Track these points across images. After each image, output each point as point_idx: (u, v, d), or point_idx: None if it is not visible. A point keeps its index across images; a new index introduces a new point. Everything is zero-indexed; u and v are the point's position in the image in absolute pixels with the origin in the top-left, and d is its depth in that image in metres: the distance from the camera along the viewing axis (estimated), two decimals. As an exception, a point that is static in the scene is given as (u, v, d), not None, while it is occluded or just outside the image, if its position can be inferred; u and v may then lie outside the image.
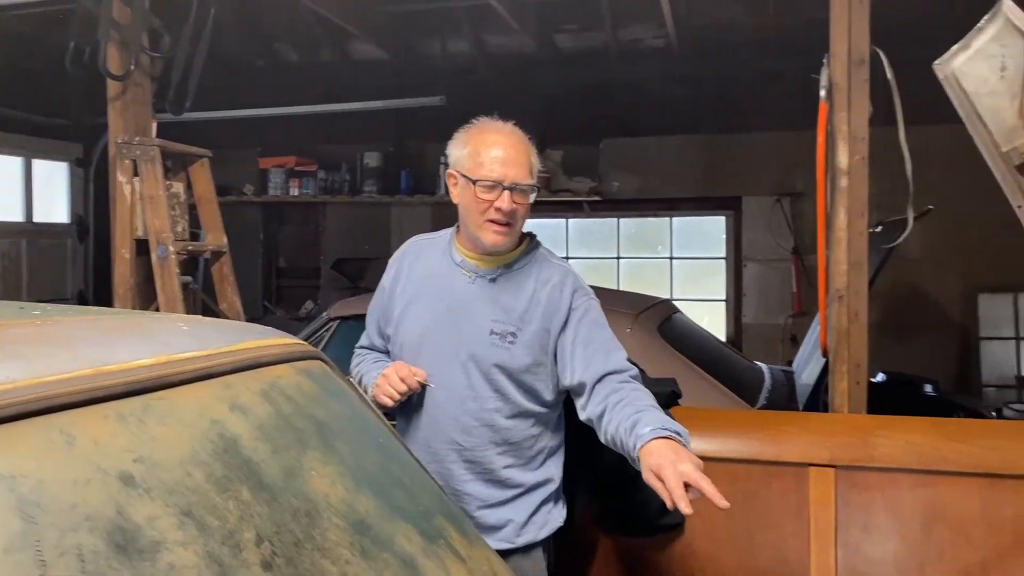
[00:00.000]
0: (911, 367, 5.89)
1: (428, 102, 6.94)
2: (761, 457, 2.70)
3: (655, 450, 1.85)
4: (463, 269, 2.25)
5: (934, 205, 4.52)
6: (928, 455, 2.57)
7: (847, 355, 2.74)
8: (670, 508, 1.77)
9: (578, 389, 2.18)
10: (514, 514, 2.23)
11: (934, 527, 2.54)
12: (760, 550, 2.67)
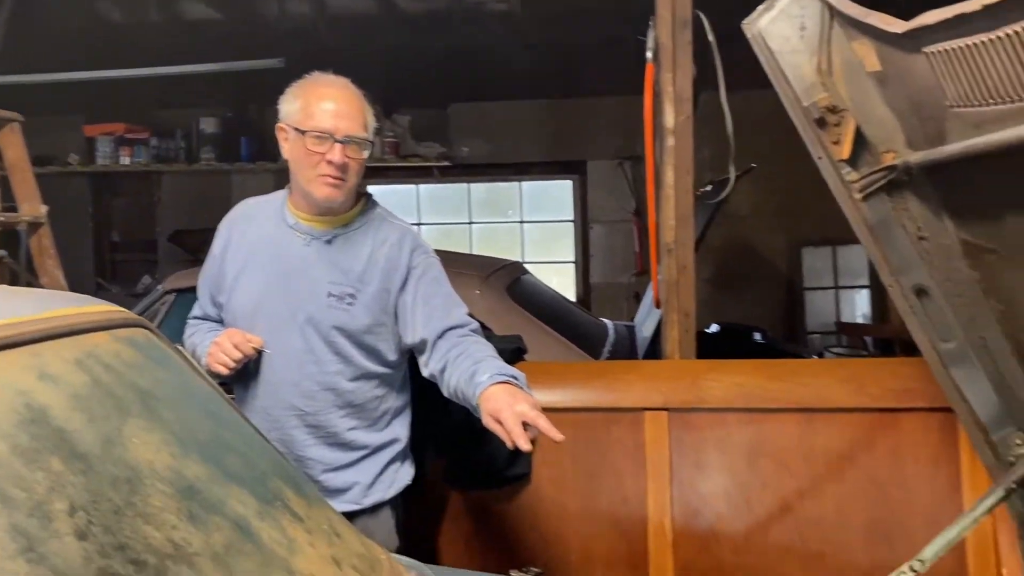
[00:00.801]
0: (742, 318, 6.29)
1: (266, 64, 6.66)
2: (600, 405, 2.82)
3: (493, 395, 1.90)
4: (297, 232, 2.21)
5: (759, 165, 4.81)
6: (753, 394, 2.77)
7: (677, 305, 2.89)
8: (510, 447, 1.82)
9: (420, 346, 2.20)
10: (360, 476, 2.23)
11: (758, 460, 2.74)
12: (601, 492, 2.80)
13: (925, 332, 1.79)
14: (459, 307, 2.24)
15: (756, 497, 2.72)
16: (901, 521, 2.57)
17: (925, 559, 1.84)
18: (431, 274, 2.24)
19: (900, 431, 2.64)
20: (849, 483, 2.65)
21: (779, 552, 2.68)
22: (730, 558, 2.70)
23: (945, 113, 1.46)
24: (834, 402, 2.69)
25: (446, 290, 2.25)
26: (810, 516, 2.66)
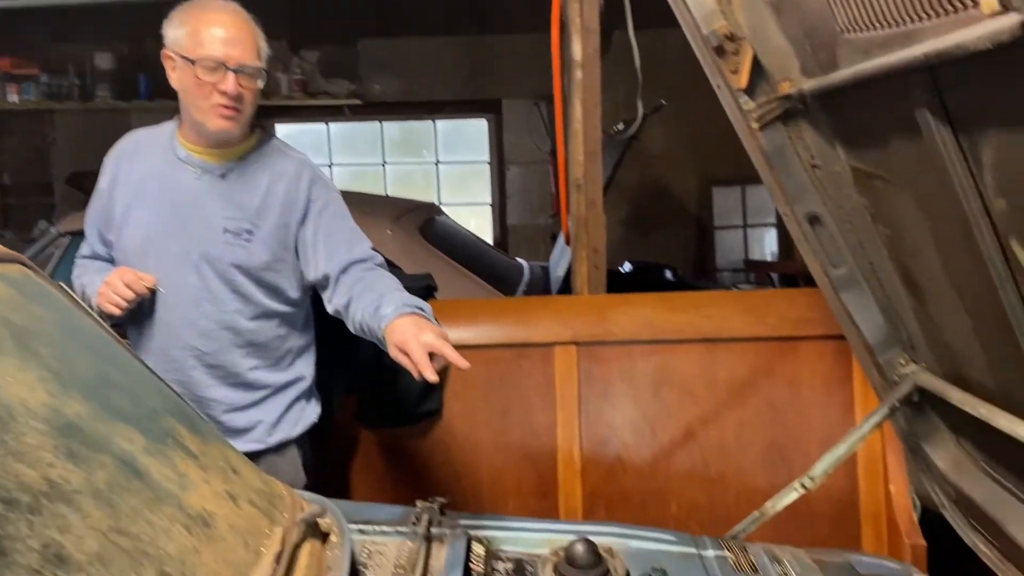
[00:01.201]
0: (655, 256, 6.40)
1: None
2: (511, 340, 2.84)
3: (399, 327, 1.88)
4: (189, 165, 2.11)
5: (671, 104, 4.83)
6: (657, 326, 2.82)
7: (586, 240, 2.91)
8: (417, 378, 1.81)
9: (323, 282, 2.15)
10: (264, 415, 2.19)
11: (663, 390, 2.81)
12: (513, 426, 2.83)
13: (817, 259, 1.84)
14: (362, 241, 2.19)
15: (661, 425, 2.79)
16: (798, 443, 2.68)
17: (815, 476, 1.92)
18: (332, 208, 2.18)
19: (797, 358, 2.74)
20: (749, 409, 2.75)
21: (683, 477, 2.77)
22: (636, 484, 2.78)
23: (836, 39, 1.48)
24: (735, 332, 2.77)
25: (348, 224, 2.20)
26: (712, 441, 2.75)
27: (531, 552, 1.80)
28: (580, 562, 1.69)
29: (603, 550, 1.75)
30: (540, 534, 1.84)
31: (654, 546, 1.82)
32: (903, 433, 1.90)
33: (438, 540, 1.74)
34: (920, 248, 1.57)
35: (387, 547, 1.73)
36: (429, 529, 1.73)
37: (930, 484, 1.89)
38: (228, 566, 1.27)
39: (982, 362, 1.53)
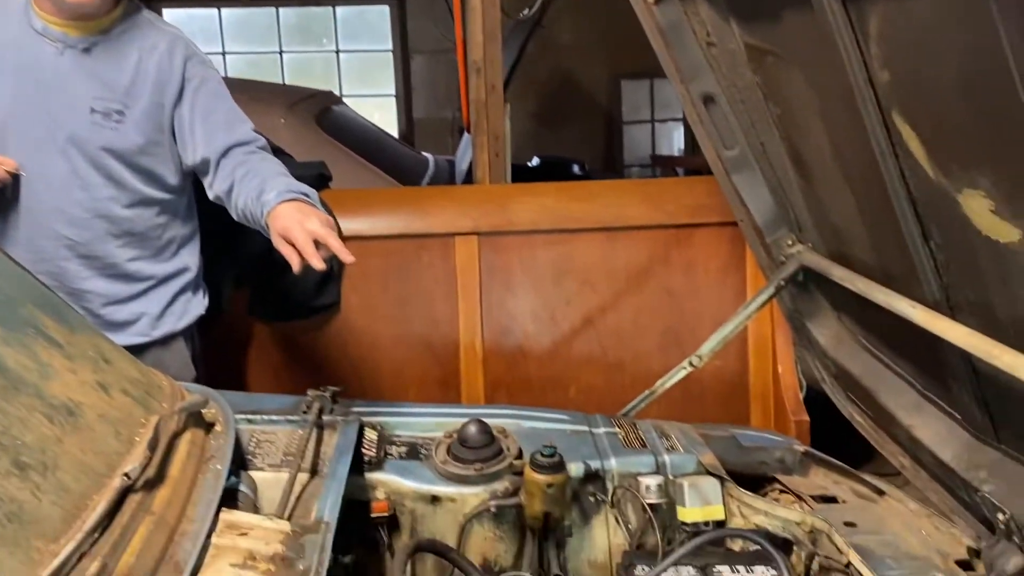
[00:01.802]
0: (564, 151, 6.36)
1: None
2: (410, 231, 2.78)
3: (282, 214, 1.79)
4: (47, 38, 1.92)
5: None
6: (558, 215, 2.81)
7: (487, 127, 2.84)
8: (296, 271, 1.74)
9: (202, 167, 2.03)
10: (147, 307, 2.09)
11: (563, 279, 2.82)
12: (414, 318, 2.80)
13: (711, 140, 1.83)
14: (243, 123, 2.07)
15: (561, 314, 2.81)
16: (692, 328, 2.74)
17: (703, 354, 1.97)
18: (209, 87, 2.04)
19: (693, 245, 2.77)
20: (646, 296, 2.79)
21: (582, 363, 2.81)
22: (537, 372, 2.82)
23: (731, -94, 1.42)
24: (634, 220, 2.78)
25: (228, 105, 2.06)
26: (610, 328, 2.80)
27: (425, 436, 1.80)
28: (473, 442, 1.69)
29: (496, 431, 1.76)
30: (434, 418, 1.84)
31: (547, 425, 1.85)
32: (789, 312, 1.96)
33: (330, 427, 1.71)
34: (809, 126, 1.57)
35: (276, 436, 1.69)
36: (320, 416, 1.70)
37: (812, 361, 1.96)
38: (97, 455, 1.21)
39: (864, 239, 1.56)
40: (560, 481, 1.55)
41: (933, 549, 1.40)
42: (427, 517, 1.66)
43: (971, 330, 1.24)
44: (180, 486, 1.28)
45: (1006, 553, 1.27)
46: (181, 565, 1.11)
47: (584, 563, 1.69)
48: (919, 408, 1.55)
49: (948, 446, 1.45)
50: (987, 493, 1.31)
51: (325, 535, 1.27)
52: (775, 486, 1.78)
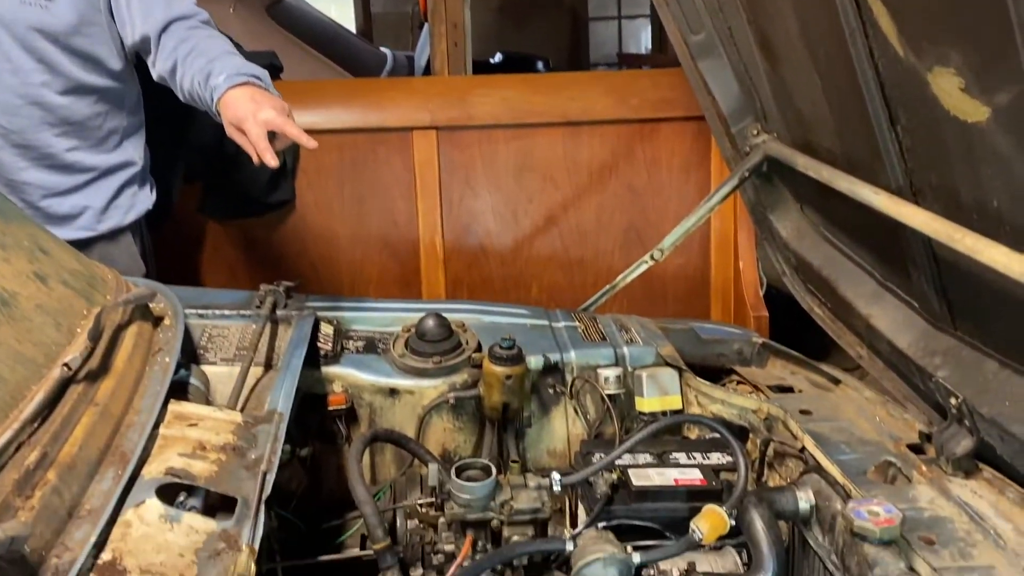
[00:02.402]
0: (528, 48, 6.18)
1: None
2: (366, 125, 2.69)
3: (233, 102, 1.68)
4: (-35, -93, 1.77)
5: None
6: (520, 109, 2.72)
7: (444, 15, 2.72)
8: (256, 163, 1.65)
9: (143, 45, 1.90)
10: (89, 200, 2.00)
11: (525, 176, 2.76)
12: (372, 216, 2.74)
13: (677, 24, 1.76)
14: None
15: (523, 211, 2.76)
16: (655, 226, 2.72)
17: (664, 247, 1.95)
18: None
19: (657, 141, 2.72)
20: (609, 193, 2.75)
21: (544, 261, 2.79)
22: (499, 271, 2.79)
23: None
24: (597, 115, 2.71)
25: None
26: (573, 226, 2.76)
27: (383, 330, 1.77)
28: (431, 336, 1.67)
29: (455, 325, 1.74)
30: (391, 313, 1.81)
31: (506, 320, 1.83)
32: (751, 204, 1.93)
33: (284, 322, 1.67)
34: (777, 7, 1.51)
35: (229, 330, 1.65)
36: (273, 311, 1.66)
37: (774, 254, 1.95)
38: (35, 346, 1.16)
39: (829, 126, 1.53)
40: (519, 373, 1.54)
41: (886, 434, 1.42)
42: (385, 410, 1.65)
43: (933, 215, 1.22)
44: (126, 378, 1.24)
45: (956, 436, 1.29)
46: (128, 455, 1.08)
47: (543, 453, 1.70)
48: (878, 297, 1.55)
49: (905, 334, 1.46)
50: (941, 379, 1.32)
51: (278, 425, 1.25)
52: (732, 377, 1.79)
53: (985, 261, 1.09)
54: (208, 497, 1.07)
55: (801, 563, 1.29)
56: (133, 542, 0.94)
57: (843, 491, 1.23)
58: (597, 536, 1.17)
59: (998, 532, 1.13)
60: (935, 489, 1.25)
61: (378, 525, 1.22)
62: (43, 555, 0.88)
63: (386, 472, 1.67)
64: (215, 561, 0.94)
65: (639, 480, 1.41)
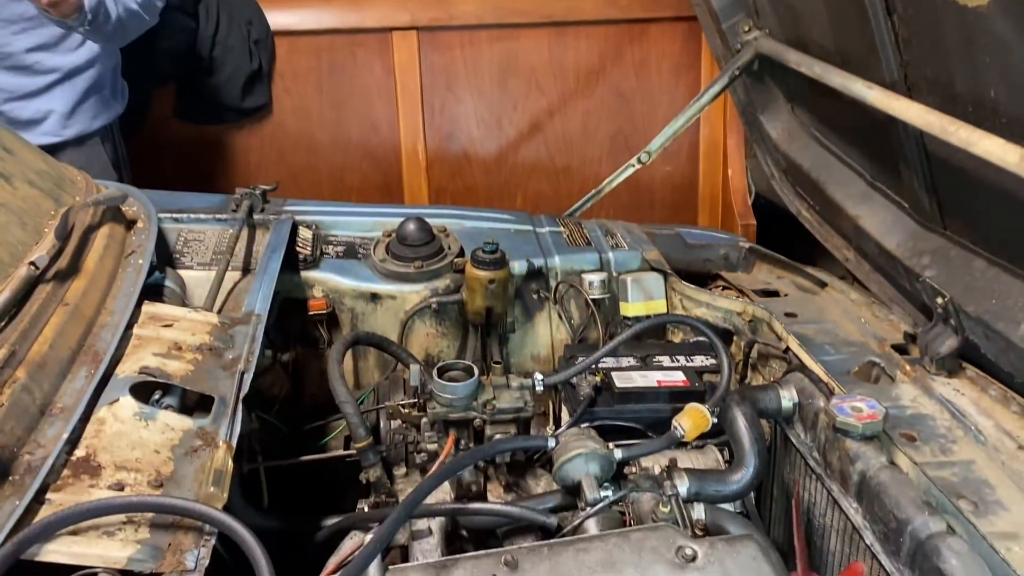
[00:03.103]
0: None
1: None
2: (343, 25, 2.58)
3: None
4: None
5: None
6: (504, 8, 2.62)
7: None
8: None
9: None
10: (54, 104, 1.93)
11: (510, 81, 2.68)
12: (351, 122, 2.66)
13: (668, -88, 1.68)
14: None
15: (507, 118, 2.70)
16: (643, 132, 2.66)
17: (652, 150, 1.90)
18: None
19: (647, 42, 2.63)
20: (596, 98, 2.68)
21: (528, 170, 2.73)
22: (483, 179, 2.73)
23: None
24: (585, 15, 2.61)
25: None
26: (559, 133, 2.70)
27: (363, 235, 1.74)
28: (412, 240, 1.64)
29: (437, 229, 1.70)
30: (371, 218, 1.77)
31: (489, 225, 1.79)
32: (742, 105, 1.88)
33: (261, 226, 1.63)
34: None
35: (205, 235, 1.61)
36: (250, 215, 1.62)
37: (763, 156, 1.91)
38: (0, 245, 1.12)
39: (823, 19, 1.47)
40: (502, 277, 1.52)
41: (871, 335, 1.41)
42: (367, 315, 1.63)
43: (927, 108, 1.18)
44: (98, 279, 1.21)
45: (941, 336, 1.28)
46: (100, 354, 1.05)
47: (527, 358, 1.70)
48: (867, 198, 1.52)
49: (893, 234, 1.43)
50: (928, 279, 1.30)
51: (256, 326, 1.23)
52: (718, 283, 1.78)
53: (979, 153, 1.05)
54: (185, 398, 1.06)
55: (783, 461, 1.29)
56: (107, 439, 0.92)
57: (826, 389, 1.22)
58: (579, 433, 1.16)
59: (979, 428, 1.14)
60: (918, 388, 1.25)
61: (360, 424, 1.21)
62: (15, 452, 0.87)
63: (369, 377, 1.66)
64: (192, 457, 0.93)
65: (622, 382, 1.40)
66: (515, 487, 1.26)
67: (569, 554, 0.96)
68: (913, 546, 0.95)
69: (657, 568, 0.94)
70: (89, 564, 0.78)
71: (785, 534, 1.27)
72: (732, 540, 0.99)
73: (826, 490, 1.14)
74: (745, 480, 1.13)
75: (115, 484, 0.86)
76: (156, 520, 0.84)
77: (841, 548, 1.12)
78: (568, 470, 1.12)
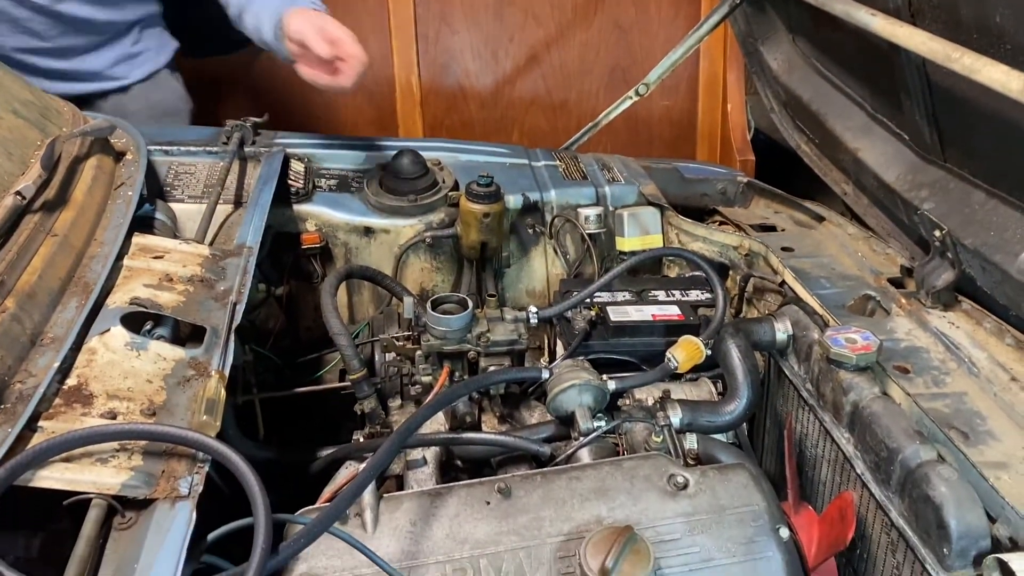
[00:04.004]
0: None
1: None
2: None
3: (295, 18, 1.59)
4: None
5: None
6: (500, -63, 2.55)
7: None
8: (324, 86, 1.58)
9: None
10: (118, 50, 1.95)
11: (505, 11, 2.61)
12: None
13: None
14: None
15: (504, 50, 2.64)
16: (642, 65, 2.61)
17: (650, 82, 1.86)
18: None
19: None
20: (595, 30, 2.62)
21: (525, 104, 2.69)
22: (478, 113, 2.69)
23: None
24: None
25: None
26: (556, 66, 2.65)
27: (355, 168, 1.71)
28: (406, 173, 1.62)
29: (431, 163, 1.68)
30: (364, 151, 1.74)
31: (484, 158, 1.77)
32: (742, 36, 1.84)
33: (252, 159, 1.61)
34: None
35: (196, 167, 1.59)
36: (241, 147, 1.60)
37: (763, 89, 1.88)
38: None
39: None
40: (497, 211, 1.50)
41: (867, 269, 1.40)
42: (361, 250, 1.61)
43: (931, 35, 1.15)
44: (86, 210, 1.19)
45: (938, 269, 1.28)
46: (90, 285, 1.05)
47: (522, 293, 1.69)
48: (867, 130, 1.50)
49: (893, 167, 1.42)
50: (926, 211, 1.29)
51: (248, 258, 1.21)
52: (716, 218, 1.76)
53: (982, 81, 1.03)
54: (177, 329, 1.05)
55: (776, 393, 1.30)
56: (99, 368, 0.92)
57: (821, 321, 1.22)
58: (573, 365, 1.16)
59: (972, 361, 1.14)
60: (913, 321, 1.25)
61: (353, 356, 1.21)
62: (5, 380, 0.87)
63: (364, 311, 1.66)
64: (184, 387, 0.93)
65: (617, 316, 1.40)
66: (509, 419, 1.26)
67: (562, 482, 0.97)
68: (903, 474, 0.96)
69: (649, 495, 0.95)
70: (82, 490, 0.78)
71: (777, 464, 1.28)
72: (724, 469, 1.00)
73: (818, 421, 1.15)
74: (738, 411, 1.14)
75: (107, 413, 0.86)
76: (149, 448, 0.84)
77: (832, 478, 1.13)
78: (562, 401, 1.13)
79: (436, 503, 0.94)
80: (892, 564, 0.99)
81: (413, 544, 0.90)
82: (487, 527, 0.92)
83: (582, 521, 0.93)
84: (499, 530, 0.92)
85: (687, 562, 0.90)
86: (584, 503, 0.94)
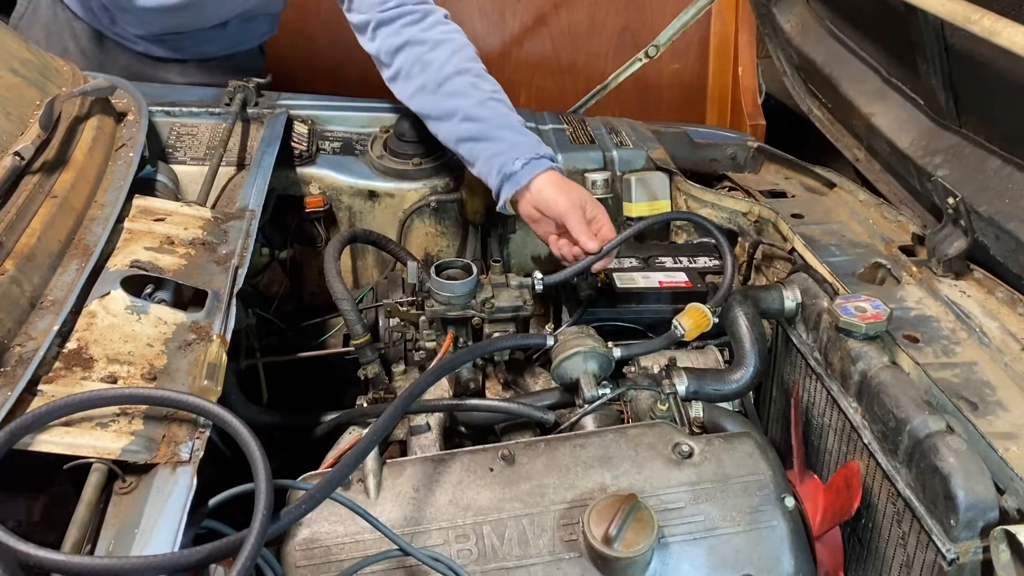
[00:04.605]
0: None
1: None
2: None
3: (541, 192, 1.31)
4: None
5: None
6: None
7: None
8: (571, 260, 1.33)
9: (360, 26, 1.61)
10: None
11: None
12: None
13: None
14: None
15: (511, 10, 2.59)
16: (652, 27, 2.55)
17: (659, 44, 1.83)
18: None
19: (658, -70, 2.52)
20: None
21: (533, 66, 2.65)
22: (485, 76, 2.65)
23: None
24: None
25: None
26: (564, 27, 2.60)
27: (360, 131, 1.69)
28: (410, 136, 1.59)
29: (435, 125, 1.65)
30: (368, 113, 1.72)
31: (491, 121, 1.74)
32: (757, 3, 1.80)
33: (256, 120, 1.59)
34: None
35: (198, 129, 1.57)
36: (244, 108, 1.57)
37: (775, 51, 1.84)
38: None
39: (845, -99, 1.39)
40: (502, 174, 1.48)
41: (878, 237, 1.38)
42: (365, 213, 1.60)
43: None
44: (87, 171, 1.18)
45: (950, 237, 1.26)
46: (91, 247, 1.03)
47: (527, 259, 1.68)
48: (881, 95, 1.47)
49: (906, 132, 1.39)
50: (940, 178, 1.26)
51: (250, 221, 1.20)
52: (725, 183, 1.74)
53: (1002, 43, 1.00)
54: (178, 292, 1.04)
55: (783, 361, 1.29)
56: (99, 332, 0.91)
57: (831, 289, 1.20)
58: (578, 331, 1.15)
59: (983, 330, 1.12)
60: (924, 289, 1.23)
61: (357, 321, 1.20)
62: (5, 344, 0.86)
63: (368, 276, 1.65)
64: (185, 351, 0.92)
65: (623, 283, 1.39)
66: (513, 385, 1.26)
67: (566, 449, 0.96)
68: (911, 444, 0.95)
69: (654, 463, 0.94)
70: (82, 455, 0.78)
71: (783, 433, 1.27)
72: (729, 437, 0.99)
73: (826, 390, 1.14)
74: (744, 380, 1.12)
75: (108, 376, 0.86)
76: (150, 412, 0.83)
77: (838, 447, 1.12)
78: (566, 368, 1.12)
79: (439, 469, 0.94)
80: (898, 534, 0.99)
81: (416, 510, 0.90)
82: (490, 494, 0.92)
83: (586, 489, 0.92)
84: (502, 497, 0.91)
85: (691, 531, 0.90)
86: (588, 471, 0.94)
